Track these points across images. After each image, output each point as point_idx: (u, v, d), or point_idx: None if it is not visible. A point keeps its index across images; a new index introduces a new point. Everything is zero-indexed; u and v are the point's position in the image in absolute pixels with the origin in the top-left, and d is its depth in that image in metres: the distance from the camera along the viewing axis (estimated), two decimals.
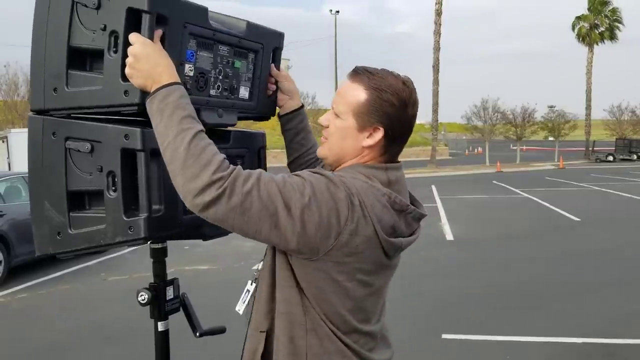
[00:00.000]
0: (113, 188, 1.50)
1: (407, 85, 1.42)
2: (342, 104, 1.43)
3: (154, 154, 1.47)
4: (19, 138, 15.01)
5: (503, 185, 21.69)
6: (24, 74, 30.02)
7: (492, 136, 39.67)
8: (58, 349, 5.16)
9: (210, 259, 9.01)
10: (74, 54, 1.53)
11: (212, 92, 1.71)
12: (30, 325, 5.92)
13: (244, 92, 1.85)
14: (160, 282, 1.86)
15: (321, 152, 1.51)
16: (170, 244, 1.90)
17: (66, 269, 8.55)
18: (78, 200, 1.59)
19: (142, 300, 1.83)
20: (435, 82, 36.12)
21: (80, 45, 1.52)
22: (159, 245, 1.86)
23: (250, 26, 1.80)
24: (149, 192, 1.49)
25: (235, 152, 1.85)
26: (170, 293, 1.88)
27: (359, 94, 1.41)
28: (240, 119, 1.87)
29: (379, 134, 1.41)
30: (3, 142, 15.26)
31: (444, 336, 5.15)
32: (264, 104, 1.94)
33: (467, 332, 5.22)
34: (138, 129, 1.47)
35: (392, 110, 1.40)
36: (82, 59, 1.54)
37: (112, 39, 1.45)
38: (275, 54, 1.93)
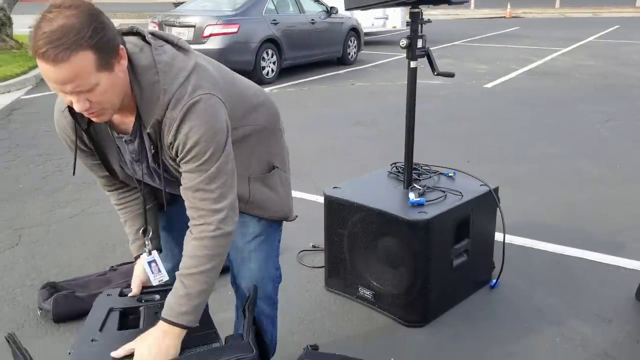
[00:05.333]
0: None
1: None
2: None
3: None
4: None
5: None
6: None
7: None
8: (318, 124, 6.71)
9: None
10: None
11: None
12: (296, 109, 7.58)
13: None
14: (414, 35, 2.79)
15: None
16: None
17: (322, 74, 10.19)
18: None
19: (402, 45, 2.79)
20: None
21: None
22: (415, 10, 2.76)
23: None
24: None
25: None
26: (419, 44, 2.82)
27: None
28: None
29: None
30: None
31: None
32: None
33: None
34: None
35: None
36: None
37: None
38: None
